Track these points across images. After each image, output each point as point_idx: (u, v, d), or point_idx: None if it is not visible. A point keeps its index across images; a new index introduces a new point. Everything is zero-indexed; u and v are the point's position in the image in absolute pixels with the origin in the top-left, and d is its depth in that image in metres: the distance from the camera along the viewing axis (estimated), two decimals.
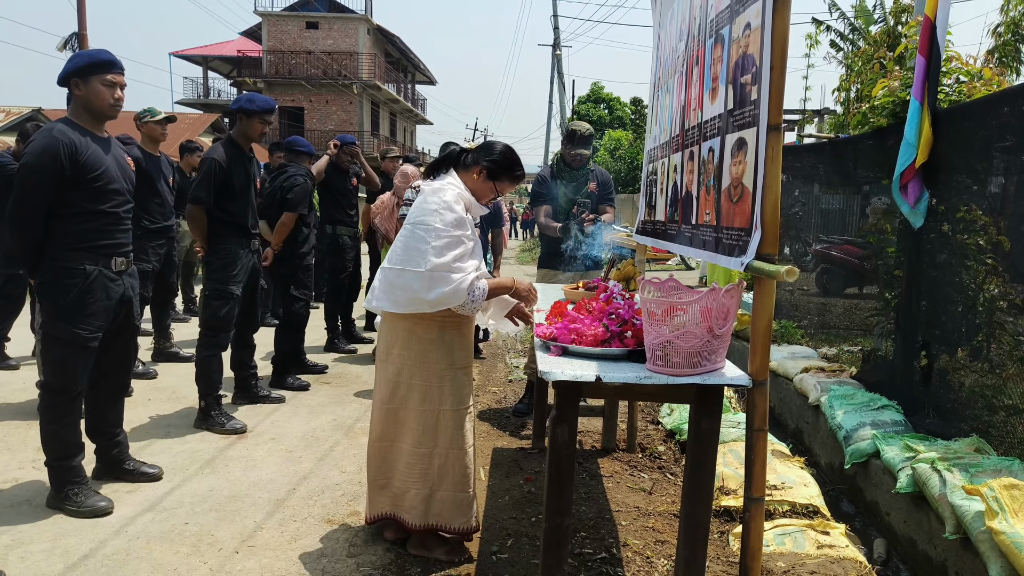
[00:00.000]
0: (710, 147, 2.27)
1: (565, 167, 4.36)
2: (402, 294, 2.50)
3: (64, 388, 2.91)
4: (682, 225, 2.66)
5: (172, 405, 4.49)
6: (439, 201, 2.52)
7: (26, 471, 3.36)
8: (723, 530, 2.99)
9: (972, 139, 3.21)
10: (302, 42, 29.94)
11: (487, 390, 5.21)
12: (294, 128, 29.06)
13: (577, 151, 4.26)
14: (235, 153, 4.01)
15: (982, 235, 3.16)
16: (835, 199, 5.46)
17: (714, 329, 1.85)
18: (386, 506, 2.68)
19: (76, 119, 2.91)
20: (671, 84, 2.99)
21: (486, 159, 2.68)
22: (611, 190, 4.50)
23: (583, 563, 2.71)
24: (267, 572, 2.56)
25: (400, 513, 2.65)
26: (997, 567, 2.20)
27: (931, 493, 2.66)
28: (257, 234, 4.20)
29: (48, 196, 2.78)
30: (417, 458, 2.60)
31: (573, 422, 2.02)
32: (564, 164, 4.37)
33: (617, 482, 3.52)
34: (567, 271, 4.30)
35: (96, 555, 2.64)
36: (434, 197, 2.54)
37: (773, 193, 1.78)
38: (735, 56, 2.03)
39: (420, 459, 2.60)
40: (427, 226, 2.47)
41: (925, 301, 3.56)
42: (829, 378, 4.18)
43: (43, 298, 2.91)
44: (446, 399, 2.61)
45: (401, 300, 2.51)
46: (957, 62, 3.82)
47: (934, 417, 3.43)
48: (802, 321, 5.72)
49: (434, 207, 2.50)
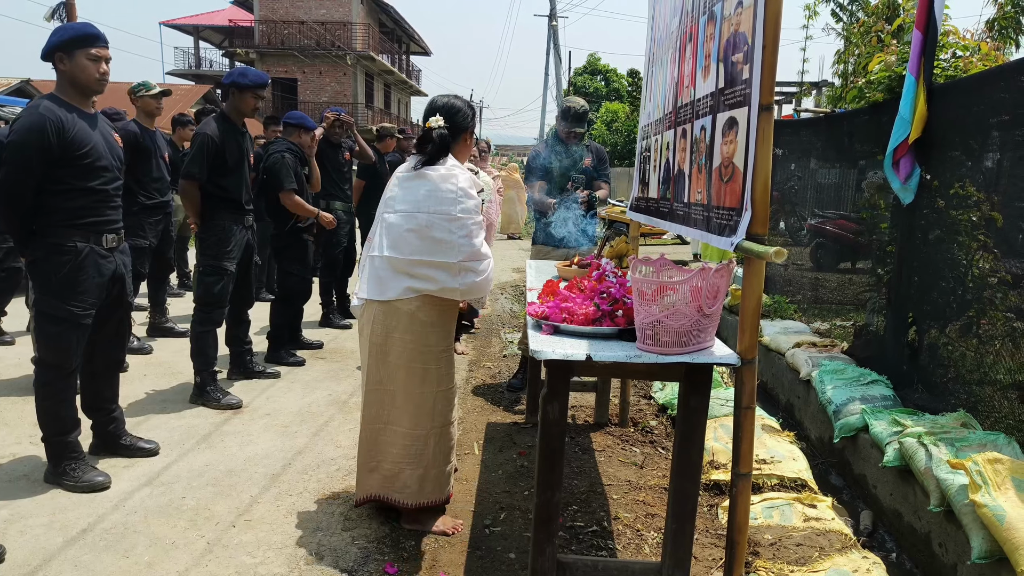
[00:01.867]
0: (702, 125, 2.26)
1: (560, 142, 4.33)
2: (427, 284, 2.53)
3: (59, 364, 2.92)
4: (674, 203, 2.66)
5: (168, 381, 4.52)
6: (455, 188, 2.53)
7: (23, 446, 3.39)
8: (713, 503, 3.04)
9: (967, 115, 3.20)
10: (294, 11, 29.43)
11: (481, 365, 5.24)
12: (287, 100, 28.73)
13: (571, 129, 4.22)
14: (228, 128, 3.98)
15: (975, 211, 3.16)
16: (831, 174, 5.45)
17: (703, 308, 1.87)
18: (376, 488, 2.72)
19: (62, 95, 2.87)
20: (665, 60, 2.96)
21: (465, 121, 2.69)
22: (607, 165, 4.47)
23: (574, 536, 2.76)
24: (263, 546, 2.60)
25: (391, 495, 2.69)
26: (979, 539, 2.25)
27: (917, 467, 2.70)
28: (251, 210, 4.19)
29: (36, 174, 2.76)
30: (413, 439, 2.63)
31: (564, 399, 2.04)
32: (559, 139, 4.35)
33: (609, 456, 3.57)
34: (560, 248, 4.30)
35: (94, 529, 2.67)
36: (447, 184, 2.53)
37: (764, 173, 1.78)
38: (727, 34, 2.01)
39: (416, 440, 2.63)
40: (449, 216, 2.49)
41: (917, 277, 3.58)
42: (821, 353, 4.21)
43: (35, 275, 2.90)
44: (443, 379, 2.65)
45: (424, 288, 2.54)
46: (954, 36, 3.79)
47: (923, 392, 3.47)
48: (795, 296, 5.75)
49: (451, 195, 2.51)
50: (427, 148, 2.61)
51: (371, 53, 30.22)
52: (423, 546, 2.66)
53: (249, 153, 4.18)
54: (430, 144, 2.61)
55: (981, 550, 2.23)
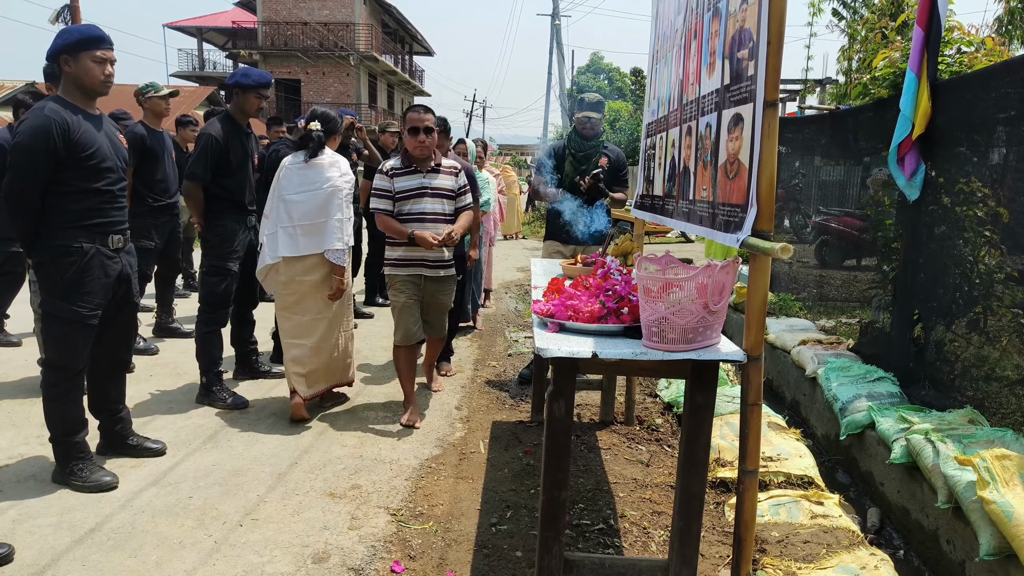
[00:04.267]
0: (707, 122, 2.25)
1: (577, 136, 4.31)
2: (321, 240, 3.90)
3: (66, 366, 2.93)
4: (679, 200, 2.66)
5: (174, 381, 4.53)
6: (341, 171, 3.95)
7: (31, 447, 3.41)
8: (719, 501, 3.04)
9: (973, 111, 3.18)
10: (297, 12, 29.46)
11: (487, 364, 5.24)
12: (291, 101, 28.77)
13: (585, 113, 4.20)
14: (232, 129, 3.98)
15: (981, 207, 3.15)
16: (835, 171, 5.43)
17: (709, 305, 1.86)
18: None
19: (67, 96, 2.88)
20: (670, 58, 2.96)
21: (335, 127, 3.96)
22: (625, 170, 4.39)
23: (581, 534, 2.76)
24: (270, 544, 2.61)
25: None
26: (987, 535, 2.24)
27: (924, 464, 2.69)
28: (254, 210, 4.19)
29: (42, 175, 2.77)
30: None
31: (570, 397, 2.04)
32: (576, 134, 4.32)
33: (615, 454, 3.56)
34: (570, 244, 4.30)
35: (102, 529, 2.68)
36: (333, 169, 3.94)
37: (769, 170, 1.77)
38: (732, 30, 2.00)
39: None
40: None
41: (923, 273, 3.56)
42: (826, 350, 4.20)
43: (41, 277, 2.91)
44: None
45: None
46: (959, 32, 3.77)
47: (930, 389, 3.46)
48: (801, 293, 5.73)
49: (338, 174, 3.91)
50: (309, 145, 3.78)
51: (374, 54, 30.24)
52: (430, 545, 2.67)
53: (253, 154, 4.19)
54: (311, 142, 3.77)
55: (989, 547, 2.22)
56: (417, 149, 3.70)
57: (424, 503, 3.01)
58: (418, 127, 3.66)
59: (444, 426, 3.92)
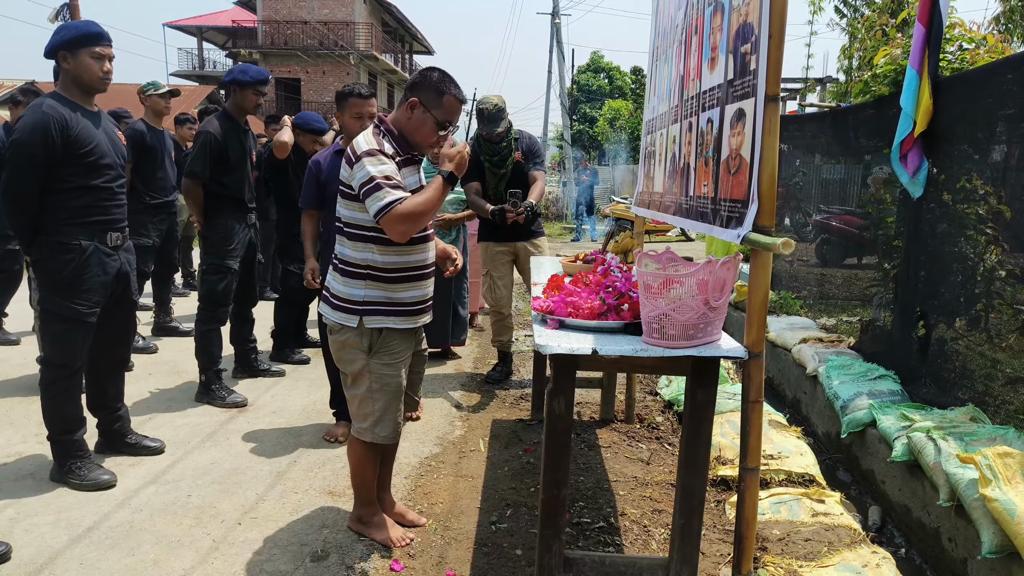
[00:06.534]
0: (708, 118, 2.24)
1: (486, 142, 4.26)
2: None
3: (64, 363, 2.92)
4: (680, 196, 2.64)
5: (173, 379, 4.52)
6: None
7: (29, 445, 3.39)
8: (720, 499, 3.02)
9: (974, 108, 3.17)
10: (297, 11, 29.44)
11: (486, 362, 5.23)
12: (291, 100, 28.74)
13: (488, 129, 4.16)
14: (230, 126, 3.97)
15: (982, 204, 3.14)
16: (836, 169, 5.41)
17: (710, 302, 1.85)
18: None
19: (66, 93, 2.87)
20: (670, 54, 2.95)
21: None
22: (538, 152, 4.40)
23: (581, 532, 2.75)
24: (269, 543, 2.60)
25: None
26: (989, 533, 2.23)
27: (926, 461, 2.68)
28: (254, 208, 4.18)
29: (40, 172, 2.76)
30: None
31: (570, 394, 2.03)
32: (484, 140, 4.26)
33: (615, 452, 3.55)
34: (504, 241, 4.44)
35: (100, 527, 2.67)
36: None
37: (770, 165, 1.76)
38: (735, 25, 1.99)
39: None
40: None
41: (924, 271, 3.55)
42: (827, 348, 4.19)
43: (40, 274, 2.90)
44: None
45: None
46: (960, 29, 3.76)
47: (931, 387, 3.44)
48: (801, 292, 5.72)
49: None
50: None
51: (374, 53, 30.22)
52: (429, 543, 2.65)
53: (252, 151, 4.17)
54: None
55: (992, 544, 2.21)
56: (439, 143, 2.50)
57: (424, 501, 3.00)
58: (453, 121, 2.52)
59: (444, 424, 3.91)
